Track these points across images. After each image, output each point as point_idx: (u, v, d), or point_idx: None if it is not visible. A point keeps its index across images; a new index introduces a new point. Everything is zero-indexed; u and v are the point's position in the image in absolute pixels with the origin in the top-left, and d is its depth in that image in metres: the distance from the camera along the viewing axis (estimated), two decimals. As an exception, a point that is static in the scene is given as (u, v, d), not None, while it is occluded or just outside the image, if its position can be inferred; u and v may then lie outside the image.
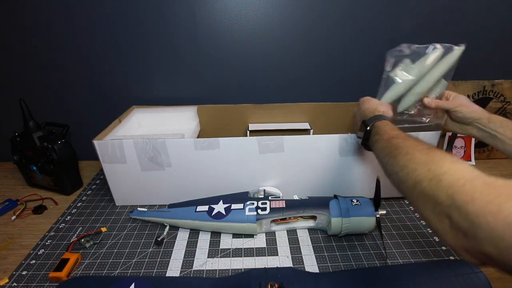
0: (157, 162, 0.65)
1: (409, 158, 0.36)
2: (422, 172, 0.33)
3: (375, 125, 0.50)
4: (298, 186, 0.68)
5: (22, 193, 0.77)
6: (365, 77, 0.89)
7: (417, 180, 0.33)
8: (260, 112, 0.88)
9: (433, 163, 0.32)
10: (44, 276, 0.53)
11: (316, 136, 0.65)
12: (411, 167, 0.35)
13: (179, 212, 0.63)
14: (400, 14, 0.81)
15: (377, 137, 0.48)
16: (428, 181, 0.31)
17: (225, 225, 0.60)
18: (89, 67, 0.85)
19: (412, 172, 0.34)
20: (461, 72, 0.88)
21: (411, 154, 0.36)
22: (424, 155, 0.34)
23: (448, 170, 0.30)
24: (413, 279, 0.48)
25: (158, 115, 0.86)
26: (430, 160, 0.33)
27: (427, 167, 0.32)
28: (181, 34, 0.82)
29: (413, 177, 0.34)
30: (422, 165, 0.33)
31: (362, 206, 0.59)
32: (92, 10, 0.78)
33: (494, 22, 0.83)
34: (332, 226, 0.58)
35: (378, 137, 0.47)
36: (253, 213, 0.60)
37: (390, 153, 0.41)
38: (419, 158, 0.35)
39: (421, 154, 0.35)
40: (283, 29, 0.82)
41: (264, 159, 0.65)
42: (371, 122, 0.51)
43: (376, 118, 0.51)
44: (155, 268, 0.54)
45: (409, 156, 0.36)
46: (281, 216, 0.60)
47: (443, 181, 0.30)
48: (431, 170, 0.32)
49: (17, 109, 0.71)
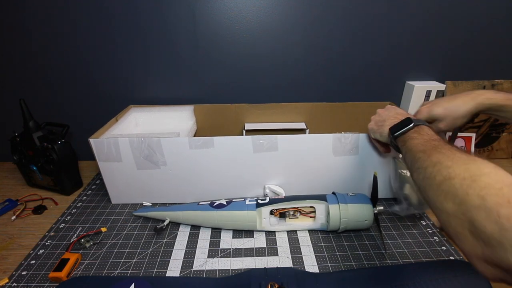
0: (152, 160, 0.65)
1: (445, 156, 0.34)
2: (457, 169, 0.30)
3: (420, 127, 0.46)
4: (293, 185, 0.68)
5: (22, 193, 0.78)
6: (363, 78, 0.90)
7: (449, 176, 0.31)
8: (257, 112, 0.88)
9: (474, 163, 0.30)
10: (44, 276, 0.53)
11: (310, 136, 0.65)
12: (445, 164, 0.32)
13: (182, 206, 0.66)
14: (400, 15, 0.81)
15: (415, 135, 0.45)
16: (461, 179, 0.29)
17: (226, 214, 0.61)
18: (89, 67, 0.85)
19: (445, 168, 0.32)
20: (461, 72, 0.89)
21: (449, 153, 0.34)
22: (465, 155, 0.32)
23: (489, 173, 0.28)
24: (413, 279, 0.48)
25: (154, 114, 0.86)
26: (471, 160, 0.31)
27: (465, 166, 0.30)
28: (180, 34, 0.82)
29: (444, 173, 0.31)
30: (460, 164, 0.31)
31: (358, 196, 0.61)
32: (91, 10, 0.78)
33: (494, 22, 0.83)
34: (330, 216, 0.59)
35: (416, 135, 0.45)
36: (253, 202, 0.62)
37: (425, 151, 0.38)
38: (458, 157, 0.32)
39: (461, 154, 0.33)
40: (281, 30, 0.82)
41: (258, 158, 0.65)
42: (418, 122, 0.47)
43: (423, 122, 0.48)
44: (155, 268, 0.54)
45: (446, 155, 0.34)
46: (280, 206, 0.61)
47: (478, 182, 0.28)
48: (469, 169, 0.30)
49: (17, 109, 0.71)
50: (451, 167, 0.31)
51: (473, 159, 0.31)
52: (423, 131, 0.45)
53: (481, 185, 0.27)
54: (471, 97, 0.53)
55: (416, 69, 0.89)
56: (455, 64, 0.89)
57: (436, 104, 0.55)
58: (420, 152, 0.39)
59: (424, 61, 0.88)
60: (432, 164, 0.35)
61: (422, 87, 0.87)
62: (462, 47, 0.86)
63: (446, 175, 0.31)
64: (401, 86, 0.92)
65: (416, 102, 0.89)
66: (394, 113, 0.54)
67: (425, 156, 0.37)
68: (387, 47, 0.86)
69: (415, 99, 0.88)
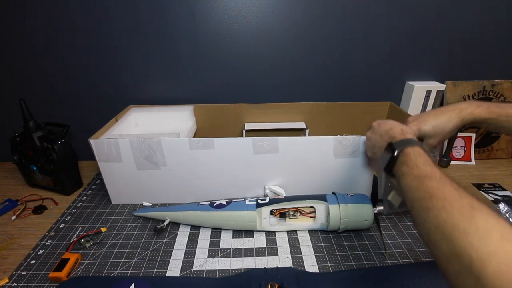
0: (152, 161, 0.65)
1: (445, 218, 0.30)
2: (462, 243, 0.27)
3: (405, 152, 0.42)
4: (293, 187, 0.68)
5: (22, 193, 0.78)
6: (363, 78, 0.90)
7: (456, 252, 0.27)
8: (257, 112, 0.88)
9: (476, 234, 0.26)
10: (44, 276, 0.53)
11: (311, 138, 0.65)
12: (447, 232, 0.29)
13: (182, 206, 0.66)
14: (400, 15, 0.81)
15: (404, 168, 0.40)
16: (469, 260, 0.26)
17: (226, 214, 0.61)
18: (89, 67, 0.85)
19: (448, 238, 0.28)
20: (461, 72, 0.89)
21: (448, 211, 0.30)
22: (466, 219, 0.28)
23: (496, 251, 0.25)
24: (413, 279, 0.48)
25: (154, 114, 0.86)
26: (473, 229, 0.27)
27: (468, 239, 0.27)
28: (180, 34, 0.82)
29: (450, 247, 0.28)
30: (462, 233, 0.27)
31: (358, 196, 0.61)
32: (91, 10, 0.78)
33: (494, 22, 0.83)
34: (330, 216, 0.59)
35: (406, 168, 0.40)
36: (253, 203, 0.62)
37: (421, 200, 0.34)
38: (457, 220, 0.28)
39: (461, 216, 0.29)
40: (281, 30, 0.82)
41: (259, 160, 0.65)
42: (401, 146, 0.43)
43: (407, 142, 0.44)
44: (155, 268, 0.54)
45: (445, 215, 0.30)
46: (281, 206, 0.61)
47: (488, 267, 0.24)
48: (473, 245, 0.26)
49: (17, 109, 0.71)
50: (454, 237, 0.28)
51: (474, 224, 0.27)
52: (411, 161, 0.40)
53: (491, 274, 0.24)
54: (456, 113, 0.53)
55: (416, 69, 0.89)
56: (455, 64, 0.89)
57: (423, 122, 0.54)
58: (416, 201, 0.35)
59: (424, 61, 0.88)
60: (433, 227, 0.31)
61: (422, 87, 0.87)
62: (462, 47, 0.86)
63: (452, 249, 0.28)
64: (401, 86, 0.92)
65: (416, 102, 0.89)
66: (379, 135, 0.53)
67: (424, 212, 0.33)
68: (387, 47, 0.86)
69: (415, 99, 0.88)
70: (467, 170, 0.87)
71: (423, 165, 0.38)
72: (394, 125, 0.51)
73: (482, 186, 0.78)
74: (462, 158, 0.91)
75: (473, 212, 0.28)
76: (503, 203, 0.65)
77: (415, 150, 0.42)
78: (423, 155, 0.41)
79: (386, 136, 0.50)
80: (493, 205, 0.65)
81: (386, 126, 0.52)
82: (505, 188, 0.77)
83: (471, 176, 0.84)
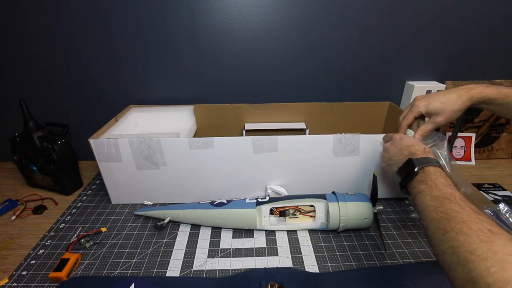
0: (152, 161, 0.65)
1: (462, 242, 0.29)
2: (479, 268, 0.26)
3: (425, 171, 0.42)
4: (293, 186, 0.68)
5: (22, 193, 0.78)
6: (363, 78, 0.90)
7: (472, 276, 0.27)
8: (257, 112, 0.88)
9: (494, 260, 0.26)
10: (44, 276, 0.53)
11: (310, 136, 0.65)
12: (464, 256, 0.28)
13: (182, 205, 0.67)
14: (400, 15, 0.81)
15: (423, 186, 0.40)
16: (486, 286, 0.25)
17: (225, 212, 0.61)
18: (89, 67, 0.85)
19: (465, 262, 0.28)
20: (461, 72, 0.89)
21: (466, 234, 0.29)
22: (484, 244, 0.28)
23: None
24: (413, 279, 0.48)
25: (154, 114, 0.86)
26: (491, 254, 0.26)
27: (486, 265, 0.26)
28: (180, 34, 0.82)
29: (467, 270, 0.27)
30: (479, 258, 0.27)
31: (357, 195, 0.62)
32: (91, 10, 0.78)
33: (494, 22, 0.83)
34: (330, 214, 0.59)
35: (424, 187, 0.40)
36: (253, 201, 0.62)
37: (439, 221, 0.34)
38: (475, 244, 0.28)
39: (479, 240, 0.28)
40: (281, 30, 0.82)
41: (259, 159, 0.65)
42: (422, 164, 0.43)
43: (428, 161, 0.43)
44: (155, 268, 0.54)
45: (463, 238, 0.29)
46: (280, 204, 0.61)
47: None
48: (490, 271, 0.25)
49: (17, 109, 0.71)
50: (471, 263, 0.28)
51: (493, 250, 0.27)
52: (430, 180, 0.40)
53: None
54: (465, 91, 0.54)
55: (416, 69, 0.89)
56: (455, 64, 0.89)
57: (433, 99, 0.56)
58: (433, 222, 0.35)
59: (424, 61, 0.88)
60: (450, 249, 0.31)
61: (422, 87, 0.87)
62: (462, 47, 0.86)
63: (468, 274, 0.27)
64: (401, 86, 0.92)
65: (416, 102, 0.89)
66: (399, 148, 0.51)
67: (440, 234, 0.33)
68: (387, 47, 0.86)
69: (415, 99, 0.88)
70: (467, 170, 0.87)
71: (444, 186, 0.38)
72: (416, 142, 0.51)
73: (482, 186, 0.78)
74: (462, 158, 0.91)
75: (492, 237, 0.28)
76: (503, 203, 0.65)
77: (436, 170, 0.42)
78: (444, 176, 0.41)
79: (406, 151, 0.49)
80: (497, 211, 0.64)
81: (409, 142, 0.51)
82: (505, 188, 0.77)
83: (471, 176, 0.84)
